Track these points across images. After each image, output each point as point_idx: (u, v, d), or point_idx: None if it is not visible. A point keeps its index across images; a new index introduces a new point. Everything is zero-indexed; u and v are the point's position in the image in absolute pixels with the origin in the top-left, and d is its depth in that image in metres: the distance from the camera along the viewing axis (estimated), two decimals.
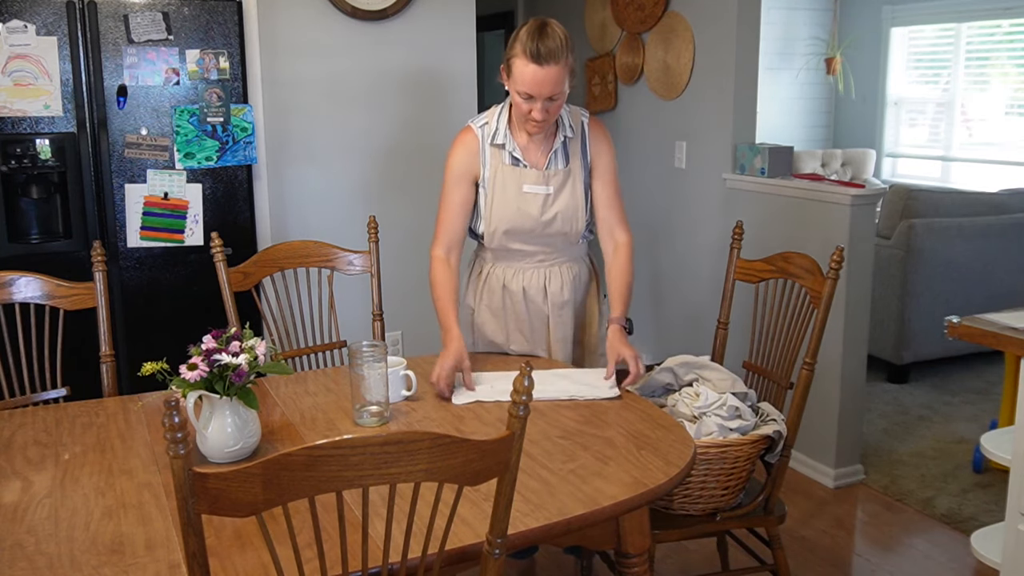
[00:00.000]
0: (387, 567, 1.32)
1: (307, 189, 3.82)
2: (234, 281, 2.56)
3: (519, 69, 2.22)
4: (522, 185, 2.38)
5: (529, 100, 2.24)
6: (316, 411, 2.11)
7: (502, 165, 2.39)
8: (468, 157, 2.40)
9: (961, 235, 4.60)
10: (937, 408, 4.34)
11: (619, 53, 4.73)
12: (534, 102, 2.24)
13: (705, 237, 4.22)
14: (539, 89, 2.21)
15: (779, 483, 2.31)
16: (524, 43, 2.20)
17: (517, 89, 2.25)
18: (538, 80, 2.20)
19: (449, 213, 2.43)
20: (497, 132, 2.39)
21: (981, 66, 6.39)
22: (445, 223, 2.44)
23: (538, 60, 2.18)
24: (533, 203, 2.39)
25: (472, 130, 2.42)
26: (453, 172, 2.42)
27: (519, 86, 2.23)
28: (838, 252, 2.30)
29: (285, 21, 3.67)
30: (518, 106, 2.29)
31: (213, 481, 1.16)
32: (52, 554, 1.47)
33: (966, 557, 3.00)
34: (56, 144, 3.08)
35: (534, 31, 2.20)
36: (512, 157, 2.38)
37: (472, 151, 2.40)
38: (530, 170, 2.39)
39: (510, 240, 2.43)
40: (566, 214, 2.41)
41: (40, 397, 2.33)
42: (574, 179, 2.42)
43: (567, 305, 2.50)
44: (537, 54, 2.17)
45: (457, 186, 2.41)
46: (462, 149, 2.41)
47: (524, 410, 1.29)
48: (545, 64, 2.18)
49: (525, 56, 2.19)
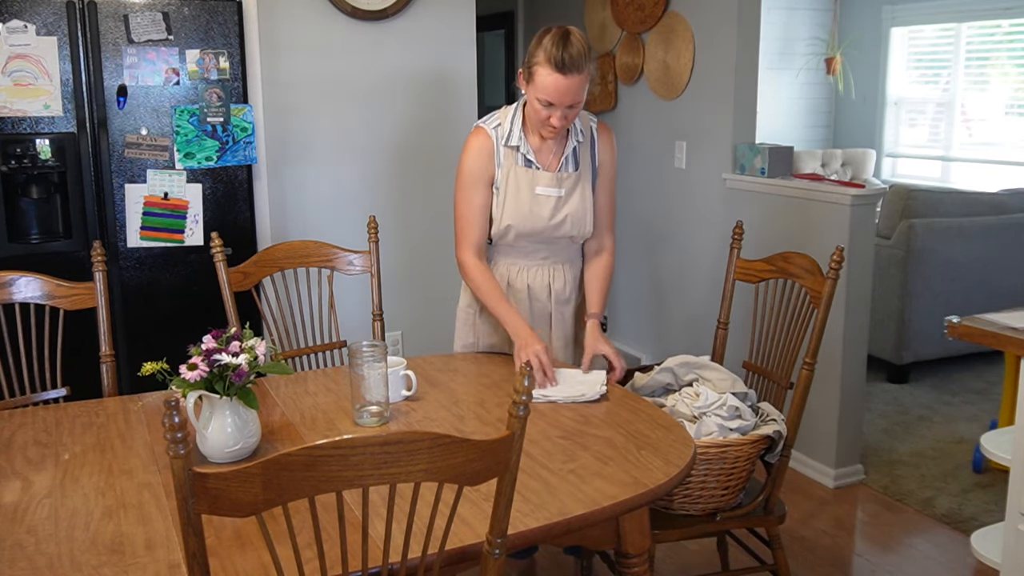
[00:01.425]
0: (387, 567, 1.32)
1: (307, 189, 3.82)
2: (234, 281, 2.56)
3: (542, 77, 2.22)
4: (535, 187, 2.39)
5: (549, 107, 2.25)
6: (316, 411, 2.11)
7: (515, 166, 2.39)
8: (484, 159, 2.40)
9: (961, 235, 4.60)
10: (937, 408, 4.34)
11: (619, 53, 4.73)
12: (554, 109, 2.25)
13: (705, 237, 4.21)
14: (561, 98, 2.23)
15: (779, 483, 2.31)
16: (548, 51, 2.20)
17: (538, 96, 2.25)
18: (561, 89, 2.21)
19: (472, 216, 2.41)
20: (511, 134, 2.39)
21: (981, 66, 6.39)
22: (469, 227, 2.42)
23: (562, 69, 2.19)
24: (545, 205, 2.40)
25: (485, 131, 2.41)
26: (471, 175, 2.40)
27: (540, 93, 2.24)
28: (838, 252, 2.30)
29: (285, 21, 3.67)
30: (537, 112, 2.29)
31: (213, 481, 1.16)
32: (52, 554, 1.47)
33: (966, 557, 3.00)
34: (56, 144, 3.08)
35: (558, 40, 2.20)
36: (525, 159, 2.39)
37: (488, 153, 2.40)
38: (543, 172, 2.40)
39: (518, 240, 2.44)
40: (576, 217, 2.43)
41: (40, 397, 2.33)
42: (584, 183, 2.44)
43: (569, 303, 2.52)
44: (562, 63, 2.18)
45: (476, 189, 2.40)
46: (477, 152, 2.40)
47: (524, 410, 1.29)
48: (569, 74, 2.19)
49: (549, 65, 2.20)
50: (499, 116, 2.44)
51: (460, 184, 2.42)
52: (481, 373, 2.38)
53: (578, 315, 2.56)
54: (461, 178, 2.42)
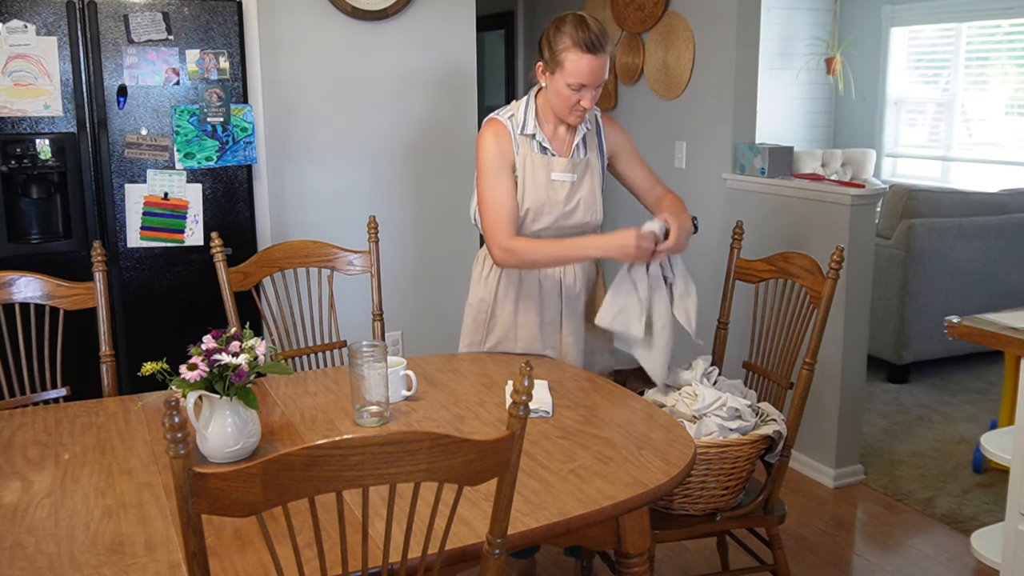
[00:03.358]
0: (387, 567, 1.32)
1: (307, 189, 3.82)
2: (234, 281, 2.56)
3: (573, 61, 2.29)
4: (551, 172, 2.43)
5: (580, 90, 2.32)
6: (316, 411, 2.11)
7: (531, 153, 2.43)
8: (505, 145, 2.42)
9: (961, 235, 4.60)
10: (937, 408, 4.34)
11: (619, 53, 4.73)
12: (586, 91, 2.33)
13: (705, 237, 4.21)
14: (593, 78, 2.31)
15: (779, 483, 2.31)
16: (574, 36, 2.28)
17: (569, 82, 2.31)
18: (594, 69, 2.30)
19: (503, 201, 2.40)
20: (526, 123, 2.44)
21: (981, 66, 6.39)
22: (501, 213, 2.39)
23: (592, 50, 2.28)
24: (560, 190, 2.44)
25: (499, 121, 2.45)
26: (493, 162, 2.41)
27: (573, 78, 2.30)
28: (838, 252, 2.30)
29: (285, 21, 3.67)
30: (566, 99, 2.34)
31: (213, 481, 1.16)
32: (52, 554, 1.47)
33: (966, 557, 3.00)
34: (56, 144, 3.08)
35: (578, 23, 2.29)
36: (541, 146, 2.44)
37: (507, 139, 2.43)
38: (558, 158, 2.45)
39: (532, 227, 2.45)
40: (587, 201, 2.47)
41: (40, 397, 2.32)
42: (592, 171, 2.49)
43: (579, 298, 2.53)
44: (591, 44, 2.28)
45: (501, 175, 2.41)
46: (496, 139, 2.42)
47: (524, 410, 1.29)
48: (598, 52, 2.29)
49: (579, 48, 2.27)
50: (511, 108, 2.48)
51: (484, 175, 2.42)
52: (481, 373, 2.38)
53: (589, 311, 2.56)
54: (484, 168, 2.42)
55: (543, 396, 2.14)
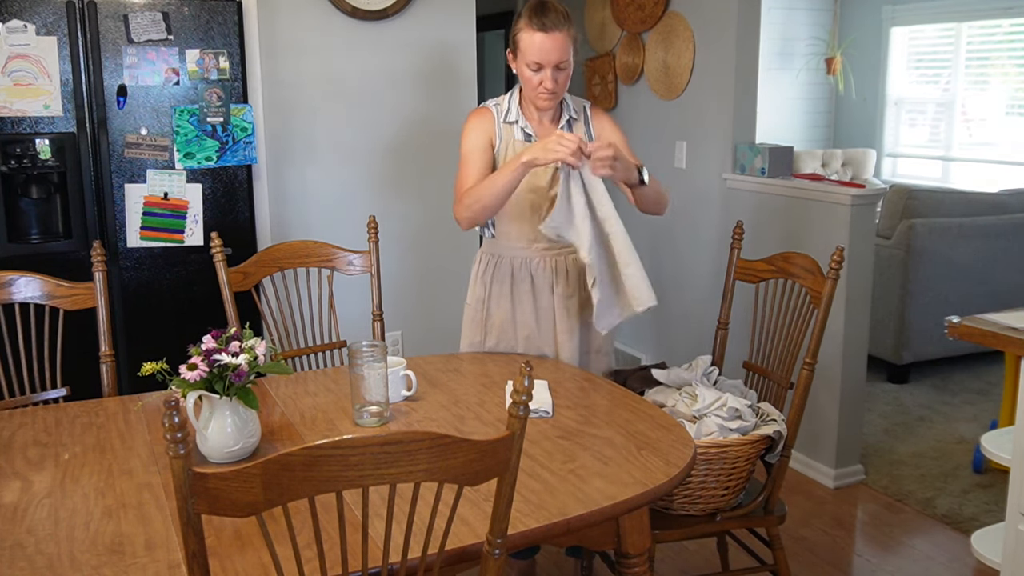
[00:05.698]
0: (387, 567, 1.32)
1: (307, 189, 3.82)
2: (234, 281, 2.56)
3: (526, 41, 2.35)
4: None
5: (539, 71, 2.36)
6: (316, 411, 2.10)
7: (514, 140, 2.47)
8: (486, 126, 2.48)
9: (961, 235, 4.60)
10: (937, 408, 4.34)
11: (619, 53, 4.73)
12: (543, 71, 2.35)
13: (705, 237, 4.22)
14: (547, 56, 2.33)
15: (779, 483, 2.31)
16: (527, 18, 2.36)
17: (526, 62, 2.36)
18: (545, 48, 2.32)
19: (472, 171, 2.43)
20: (509, 111, 2.50)
21: (981, 66, 6.38)
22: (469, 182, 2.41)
23: (543, 28, 2.32)
24: (543, 176, 2.45)
25: (486, 107, 2.53)
26: (473, 141, 2.47)
27: (528, 57, 2.35)
28: (838, 252, 2.30)
29: (285, 21, 3.67)
30: (528, 80, 2.39)
31: (213, 481, 1.16)
32: (52, 554, 1.47)
33: (966, 557, 3.00)
34: (56, 144, 3.08)
35: (535, 6, 2.36)
36: (524, 133, 2.48)
37: (489, 121, 2.49)
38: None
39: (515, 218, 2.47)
40: None
41: (40, 397, 2.32)
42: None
43: (573, 296, 2.53)
44: (542, 24, 2.32)
45: (477, 152, 2.45)
46: (478, 121, 2.49)
47: (524, 410, 1.29)
48: (550, 31, 2.32)
49: (531, 27, 2.34)
50: (499, 98, 2.55)
51: (462, 151, 2.47)
52: (481, 373, 2.38)
53: (582, 308, 2.56)
54: (462, 147, 2.48)
55: (543, 396, 2.14)
